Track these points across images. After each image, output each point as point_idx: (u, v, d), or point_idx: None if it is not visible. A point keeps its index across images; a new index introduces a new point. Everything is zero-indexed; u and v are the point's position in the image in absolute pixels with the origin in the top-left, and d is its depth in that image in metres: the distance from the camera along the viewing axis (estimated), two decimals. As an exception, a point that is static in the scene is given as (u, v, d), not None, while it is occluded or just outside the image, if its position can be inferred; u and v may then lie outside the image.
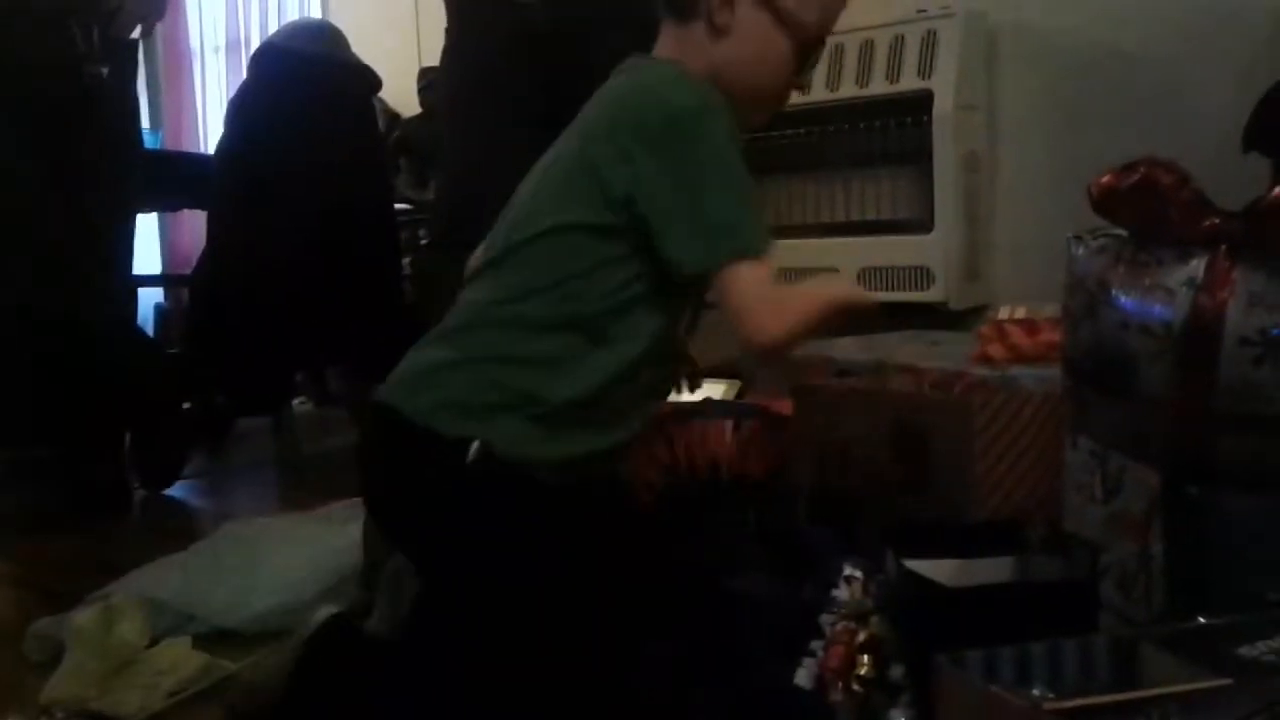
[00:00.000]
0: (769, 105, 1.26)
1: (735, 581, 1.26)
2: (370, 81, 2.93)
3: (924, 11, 2.57)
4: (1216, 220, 1.04)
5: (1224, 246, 1.03)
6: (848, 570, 1.14)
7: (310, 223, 2.69)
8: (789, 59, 1.21)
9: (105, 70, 2.34)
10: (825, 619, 1.10)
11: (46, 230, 2.28)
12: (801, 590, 1.22)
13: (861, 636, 1.06)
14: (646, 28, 1.25)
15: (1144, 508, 1.09)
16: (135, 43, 2.50)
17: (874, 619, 1.07)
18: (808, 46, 1.22)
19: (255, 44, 4.15)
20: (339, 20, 3.55)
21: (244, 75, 3.03)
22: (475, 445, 1.08)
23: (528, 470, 1.10)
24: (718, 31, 1.18)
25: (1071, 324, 1.18)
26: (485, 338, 1.14)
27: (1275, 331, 0.99)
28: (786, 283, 1.15)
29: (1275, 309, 0.99)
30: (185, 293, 3.42)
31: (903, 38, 2.56)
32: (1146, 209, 1.08)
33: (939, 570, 1.04)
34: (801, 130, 2.69)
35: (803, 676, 1.07)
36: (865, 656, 1.04)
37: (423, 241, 3.19)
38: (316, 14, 4.40)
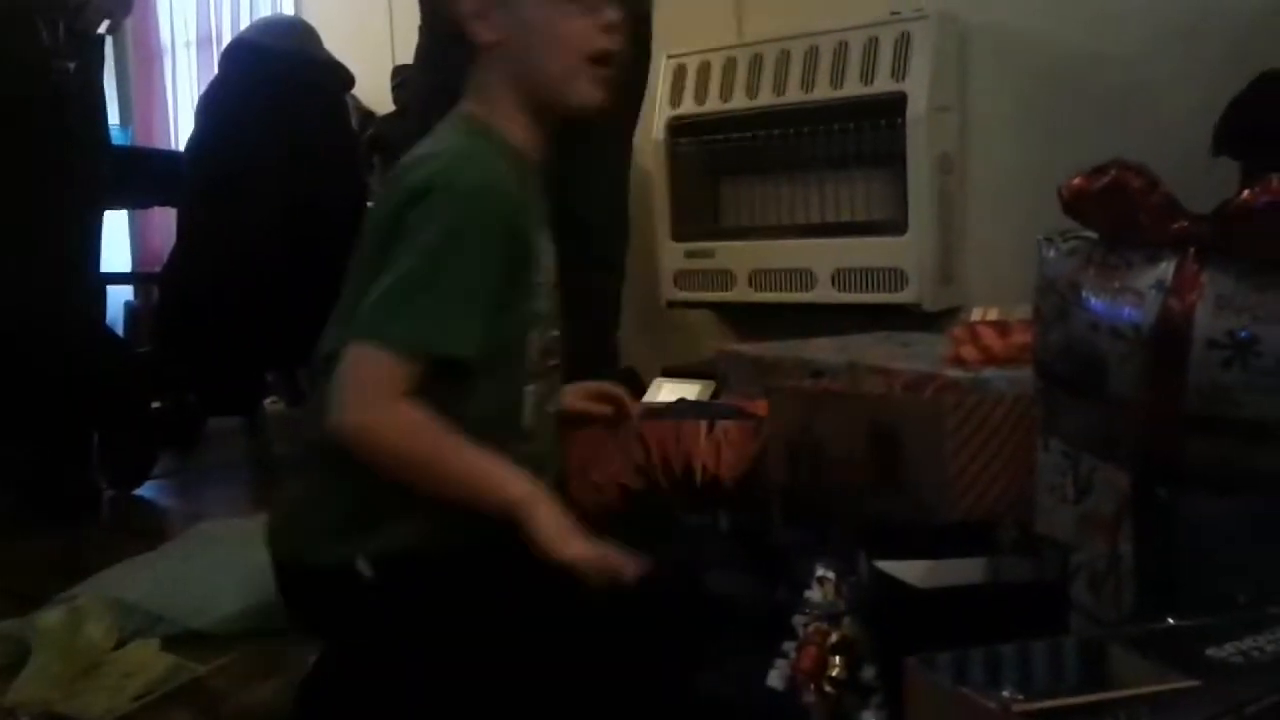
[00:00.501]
0: (588, 70, 1.17)
1: (709, 582, 1.26)
2: (343, 78, 2.91)
3: (897, 14, 2.57)
4: (1185, 223, 1.04)
5: (1193, 249, 1.03)
6: (820, 571, 1.14)
7: (282, 220, 2.67)
8: (568, 20, 1.15)
9: (72, 66, 2.31)
10: (797, 620, 1.10)
11: (12, 228, 2.25)
12: (776, 591, 1.22)
13: (834, 638, 1.06)
14: None
15: (1114, 509, 1.10)
16: (102, 38, 2.47)
17: (846, 620, 1.07)
18: None
19: (226, 40, 4.12)
20: (311, 16, 3.52)
21: (215, 71, 3.00)
22: (360, 562, 1.09)
23: (418, 556, 1.08)
24: (492, 46, 1.17)
25: (1042, 326, 1.18)
26: (325, 459, 1.12)
27: (1244, 334, 0.99)
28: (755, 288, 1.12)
29: (1243, 312, 1.00)
30: (155, 291, 3.39)
31: (876, 40, 2.57)
32: (1116, 211, 1.08)
33: (911, 571, 1.04)
34: (775, 132, 2.70)
35: (775, 678, 1.06)
36: (837, 658, 1.04)
37: (396, 240, 3.17)
38: (289, 10, 4.37)
